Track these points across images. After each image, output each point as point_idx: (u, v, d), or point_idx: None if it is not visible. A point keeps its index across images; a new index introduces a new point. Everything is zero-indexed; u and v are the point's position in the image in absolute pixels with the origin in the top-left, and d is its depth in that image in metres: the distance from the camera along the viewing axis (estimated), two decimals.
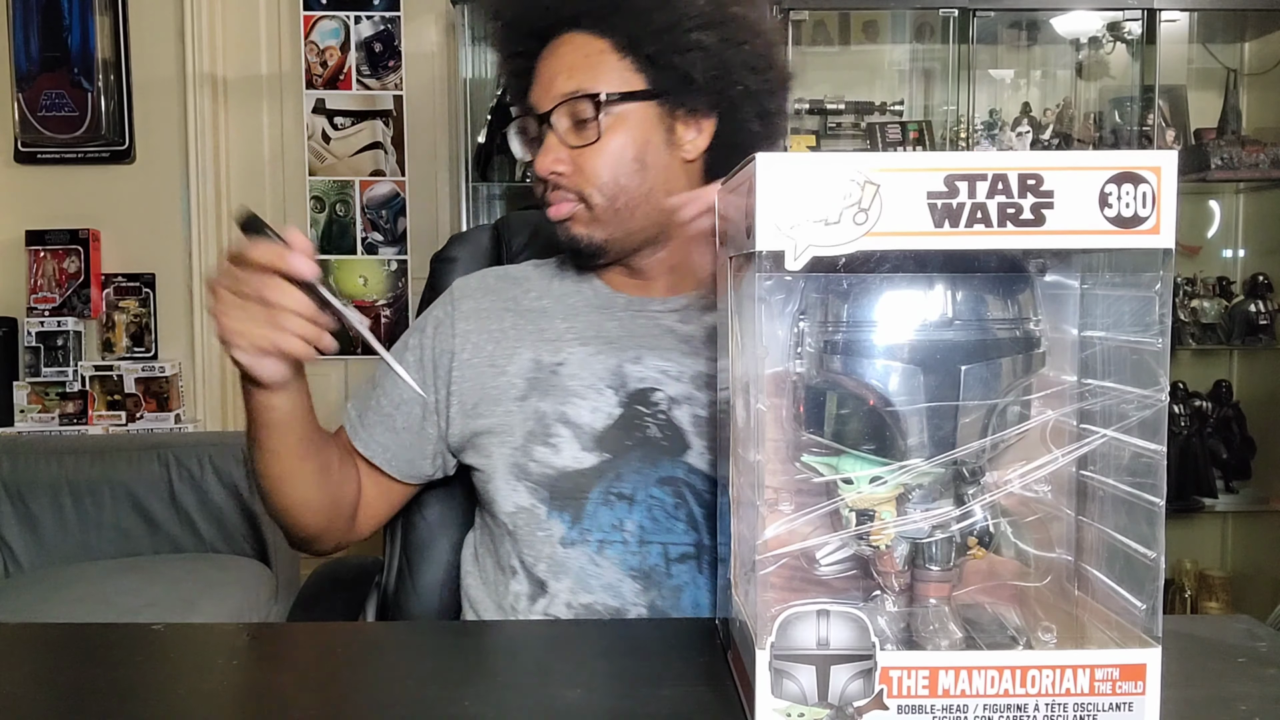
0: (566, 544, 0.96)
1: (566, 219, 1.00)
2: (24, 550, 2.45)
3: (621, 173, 0.99)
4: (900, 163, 0.54)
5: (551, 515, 0.97)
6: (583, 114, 0.98)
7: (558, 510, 0.97)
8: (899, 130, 2.73)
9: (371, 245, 2.92)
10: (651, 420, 0.98)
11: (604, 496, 0.96)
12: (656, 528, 0.95)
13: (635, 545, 0.95)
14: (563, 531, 0.96)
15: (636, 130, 0.99)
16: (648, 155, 0.99)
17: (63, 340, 2.78)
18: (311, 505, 0.98)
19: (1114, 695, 0.55)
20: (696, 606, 0.94)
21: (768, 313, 0.60)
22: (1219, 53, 2.84)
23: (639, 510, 0.95)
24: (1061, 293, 0.63)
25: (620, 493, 0.96)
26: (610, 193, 0.99)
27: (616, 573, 0.95)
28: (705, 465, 0.96)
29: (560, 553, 0.96)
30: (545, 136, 0.99)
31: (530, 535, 0.98)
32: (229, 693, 0.67)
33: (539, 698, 0.63)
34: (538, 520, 0.97)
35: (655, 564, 0.95)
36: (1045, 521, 0.64)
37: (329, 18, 2.87)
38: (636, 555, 0.95)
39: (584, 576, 0.95)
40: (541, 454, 0.98)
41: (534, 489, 0.98)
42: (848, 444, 0.60)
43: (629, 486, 0.96)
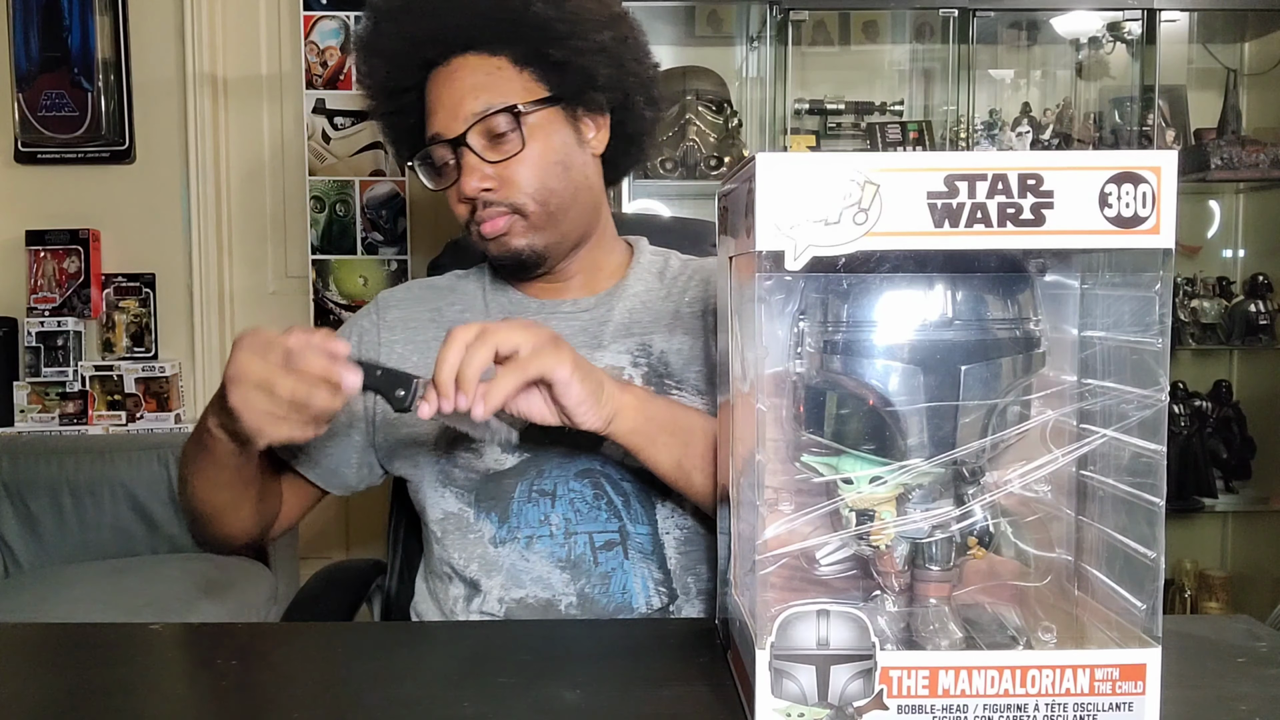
0: (497, 543, 1.00)
1: (503, 233, 1.01)
2: (24, 550, 2.45)
3: (549, 176, 1.01)
4: (900, 163, 0.54)
5: (480, 517, 1.01)
6: (500, 128, 0.99)
7: (485, 512, 1.01)
8: (899, 130, 2.73)
9: (371, 245, 2.92)
10: None
11: (528, 494, 1.00)
12: (580, 519, 0.99)
13: (562, 537, 0.99)
14: (492, 531, 1.00)
15: (553, 134, 1.01)
16: (568, 156, 1.02)
17: (63, 340, 2.78)
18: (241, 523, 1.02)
19: (1114, 695, 0.55)
20: (625, 591, 0.99)
21: (767, 313, 0.60)
22: (1219, 53, 2.83)
23: (562, 504, 0.99)
24: (1061, 293, 0.63)
25: (543, 489, 1.00)
26: (542, 198, 1.01)
27: (545, 565, 0.99)
28: (619, 454, 0.99)
29: (491, 552, 1.00)
30: (462, 159, 1.00)
31: (461, 539, 1.02)
32: (229, 693, 0.67)
33: (539, 698, 0.63)
34: (467, 523, 1.01)
35: (582, 553, 0.99)
36: (1045, 521, 0.64)
37: (329, 18, 2.87)
38: (564, 547, 0.99)
39: (515, 572, 0.99)
40: (464, 459, 1.02)
41: (460, 493, 1.02)
42: (848, 444, 0.60)
43: (550, 482, 1.00)
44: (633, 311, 1.08)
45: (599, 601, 0.98)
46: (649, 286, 1.11)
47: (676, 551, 1.01)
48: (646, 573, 1.00)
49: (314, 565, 2.67)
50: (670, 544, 1.01)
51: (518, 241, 1.02)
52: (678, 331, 1.06)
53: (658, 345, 1.05)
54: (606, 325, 1.06)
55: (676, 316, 1.07)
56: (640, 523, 1.00)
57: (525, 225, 1.01)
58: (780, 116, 2.63)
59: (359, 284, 2.94)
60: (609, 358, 1.03)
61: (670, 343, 1.05)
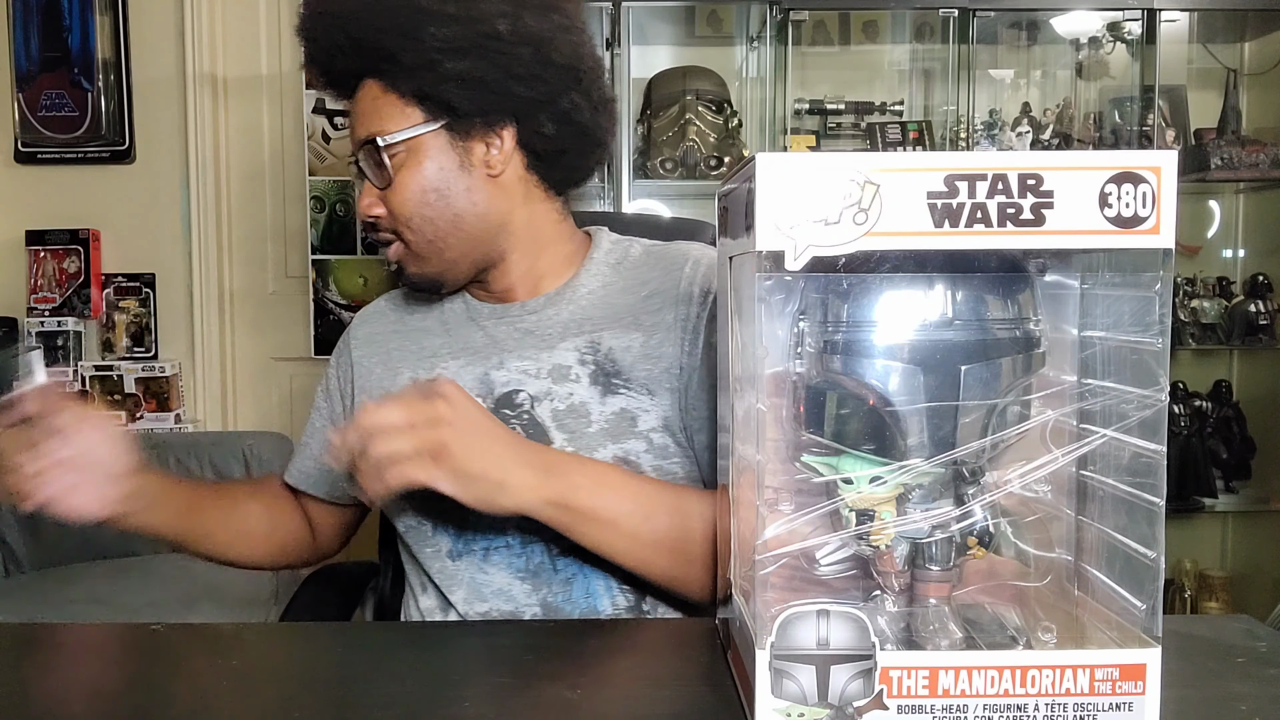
0: (454, 556, 0.99)
1: (397, 260, 1.03)
2: (24, 550, 2.45)
3: (423, 205, 0.99)
4: (900, 163, 0.54)
5: (436, 531, 1.00)
6: (375, 159, 0.99)
7: (441, 525, 1.00)
8: (899, 130, 2.73)
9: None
10: (516, 421, 0.99)
11: None
12: (536, 526, 0.92)
13: (519, 547, 0.97)
14: (449, 545, 1.00)
15: (427, 162, 0.98)
16: (445, 183, 0.99)
17: (63, 340, 2.78)
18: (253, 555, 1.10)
19: (1114, 695, 0.55)
20: (589, 595, 0.97)
21: (767, 313, 0.60)
22: (1219, 53, 2.84)
23: None
24: (1061, 293, 0.63)
25: None
26: (418, 227, 0.99)
27: (505, 577, 0.98)
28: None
29: (450, 566, 1.00)
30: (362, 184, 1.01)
31: (420, 551, 1.02)
32: (229, 693, 0.67)
33: (539, 698, 0.63)
34: (425, 536, 1.01)
35: (541, 561, 0.97)
36: (1045, 521, 0.64)
37: None
38: (521, 556, 0.97)
39: (475, 586, 0.98)
40: None
41: (418, 507, 1.01)
42: (848, 444, 0.60)
43: None
44: (585, 308, 1.05)
45: (564, 609, 0.96)
46: (605, 281, 1.07)
47: None
48: (608, 573, 0.97)
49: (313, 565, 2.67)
50: None
51: (411, 269, 1.03)
52: (631, 328, 1.02)
53: (606, 342, 1.02)
54: (554, 325, 1.04)
55: (632, 312, 1.03)
56: None
57: (409, 254, 1.02)
58: (780, 116, 2.63)
59: (359, 284, 2.94)
60: (557, 357, 1.01)
61: (621, 339, 1.01)
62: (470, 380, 1.02)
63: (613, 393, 0.99)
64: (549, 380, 1.00)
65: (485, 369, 1.03)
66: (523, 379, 1.01)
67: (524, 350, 1.03)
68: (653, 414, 0.98)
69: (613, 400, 0.99)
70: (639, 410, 0.98)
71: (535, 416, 0.99)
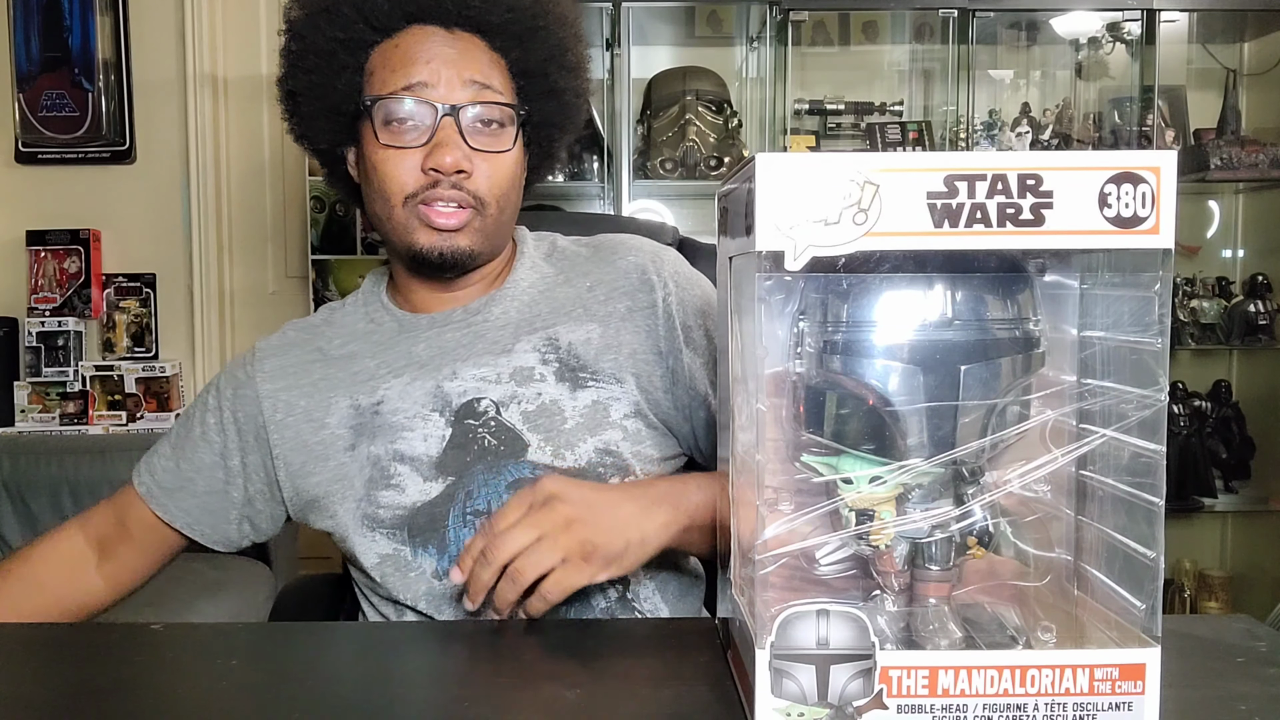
0: (440, 576, 0.95)
1: (455, 228, 0.95)
2: None
3: (513, 186, 0.98)
4: (900, 163, 0.54)
5: (417, 553, 0.95)
6: (495, 118, 0.95)
7: (421, 547, 0.95)
8: (899, 130, 2.73)
9: (371, 245, 2.92)
10: (484, 429, 0.96)
11: (462, 518, 0.95)
12: None
13: None
14: (433, 565, 0.95)
15: (520, 146, 0.99)
16: (522, 172, 1.01)
17: (63, 340, 2.78)
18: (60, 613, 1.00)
19: (1113, 695, 0.55)
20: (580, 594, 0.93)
21: (767, 313, 0.60)
22: (1218, 53, 2.84)
23: None
24: (1061, 293, 0.63)
25: (475, 509, 0.94)
26: (503, 205, 0.97)
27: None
28: (547, 458, 0.95)
29: (437, 586, 0.95)
30: (441, 130, 0.93)
31: (402, 579, 0.96)
32: (229, 693, 0.67)
33: (539, 698, 0.63)
34: (405, 562, 0.96)
35: None
36: (1045, 521, 0.64)
37: None
38: None
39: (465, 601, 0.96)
40: (387, 497, 0.96)
41: (391, 533, 0.96)
42: (848, 444, 0.60)
43: (482, 501, 0.94)
44: (529, 304, 1.02)
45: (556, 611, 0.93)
46: (542, 274, 1.05)
47: None
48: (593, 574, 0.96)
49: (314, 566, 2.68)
50: None
51: (463, 241, 0.95)
52: (585, 320, 1.00)
53: (564, 337, 1.00)
54: (503, 326, 1.00)
55: (580, 303, 1.02)
56: None
57: (478, 226, 0.96)
58: (780, 117, 2.63)
59: (359, 284, 2.94)
60: (517, 359, 0.98)
61: (577, 333, 1.00)
62: (421, 395, 0.98)
63: (582, 386, 0.98)
64: (512, 383, 0.98)
65: (436, 381, 0.98)
66: (481, 386, 0.98)
67: (477, 356, 0.99)
68: (623, 401, 0.98)
69: (583, 394, 0.98)
70: (610, 400, 0.98)
71: (504, 422, 0.96)
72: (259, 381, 1.04)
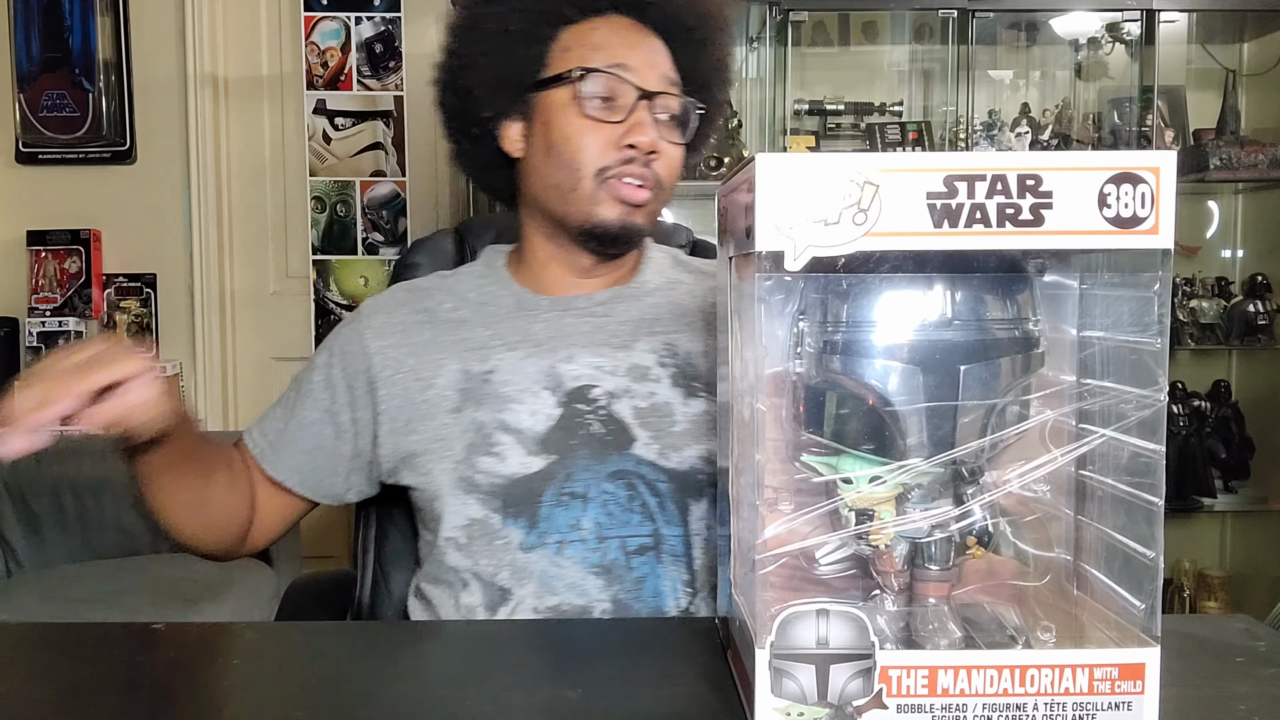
0: (526, 549, 0.95)
1: (639, 204, 1.00)
2: (25, 550, 2.45)
3: (678, 176, 1.04)
4: (900, 163, 0.54)
5: (507, 523, 0.96)
6: (680, 111, 1.01)
7: (512, 517, 0.96)
8: (898, 131, 2.73)
9: (372, 245, 2.92)
10: (593, 417, 0.98)
11: (557, 498, 0.96)
12: (613, 522, 0.96)
13: (594, 542, 0.95)
14: (520, 537, 0.96)
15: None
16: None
17: (64, 340, 2.78)
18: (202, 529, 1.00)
19: (1113, 695, 0.55)
20: (657, 595, 0.96)
21: (767, 313, 0.60)
22: (1218, 53, 2.84)
23: (594, 507, 0.96)
24: (1061, 293, 0.63)
25: (573, 492, 0.96)
26: (669, 194, 1.03)
27: (579, 571, 0.95)
28: (653, 455, 0.97)
29: (521, 558, 0.95)
30: (638, 110, 0.98)
31: (487, 545, 0.96)
32: (229, 693, 0.67)
33: (539, 698, 0.63)
34: (492, 530, 0.96)
35: (615, 558, 0.95)
36: (1044, 521, 0.64)
37: (330, 18, 2.87)
38: (596, 552, 0.95)
39: (547, 579, 0.95)
40: (487, 464, 0.97)
41: (485, 499, 0.97)
42: (847, 444, 0.60)
43: (581, 485, 0.96)
44: (653, 307, 1.06)
45: (633, 607, 0.95)
46: (668, 280, 1.09)
47: (702, 551, 0.98)
48: (676, 575, 0.96)
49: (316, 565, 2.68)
50: (698, 545, 0.97)
51: (640, 218, 1.01)
52: (704, 333, 1.03)
53: (683, 346, 1.03)
54: (625, 323, 1.04)
55: (703, 317, 1.04)
56: (674, 524, 0.97)
57: (653, 208, 1.01)
58: (780, 117, 2.63)
59: (359, 284, 2.94)
60: (635, 357, 1.01)
61: (696, 344, 1.03)
62: (534, 372, 1.00)
63: (694, 395, 1.00)
64: (627, 379, 1.00)
65: (551, 361, 1.00)
66: (597, 374, 1.00)
67: (596, 346, 1.02)
68: None
69: (694, 403, 1.00)
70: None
71: (614, 413, 0.98)
72: (367, 338, 1.05)
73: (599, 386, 0.99)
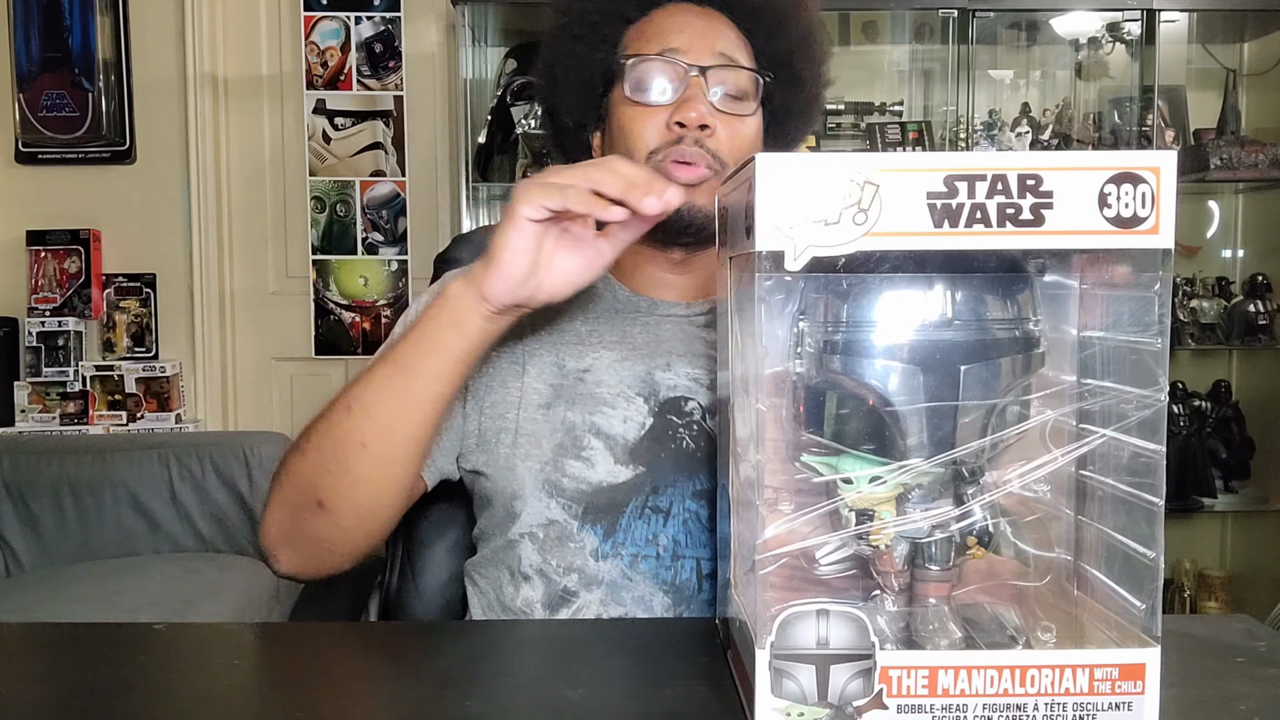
0: (599, 557, 0.92)
1: (695, 183, 0.94)
2: (25, 550, 2.45)
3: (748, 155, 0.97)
4: (900, 163, 0.54)
5: (584, 529, 0.93)
6: (741, 84, 0.98)
7: (590, 524, 0.93)
8: (898, 130, 2.73)
9: (372, 245, 2.92)
10: (685, 431, 0.95)
11: (640, 510, 0.93)
12: (691, 541, 0.92)
13: (669, 560, 0.92)
14: (595, 544, 0.92)
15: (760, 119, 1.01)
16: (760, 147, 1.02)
17: (63, 340, 2.78)
18: (392, 494, 0.88)
19: (1113, 695, 0.55)
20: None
21: (767, 313, 0.60)
22: (1218, 53, 2.84)
23: (674, 524, 0.92)
24: (1061, 293, 0.63)
25: (656, 506, 0.92)
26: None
27: (649, 586, 0.92)
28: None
29: (592, 565, 0.92)
30: (690, 89, 0.95)
31: (560, 546, 0.93)
32: (229, 693, 0.67)
33: (540, 698, 0.63)
34: (568, 533, 0.93)
35: (687, 579, 0.92)
36: (1044, 521, 0.64)
37: (329, 18, 2.87)
38: (670, 570, 0.92)
39: (616, 589, 0.92)
40: (574, 468, 0.93)
41: (567, 504, 0.93)
42: (848, 444, 0.60)
43: (665, 500, 0.93)
44: None
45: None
46: None
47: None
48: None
49: None
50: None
51: (701, 199, 0.94)
52: None
53: None
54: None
55: None
56: None
57: (707, 188, 0.94)
58: None
59: (359, 284, 2.94)
60: None
61: None
62: (630, 378, 0.96)
63: None
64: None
65: (648, 368, 0.96)
66: (693, 387, 0.96)
67: (694, 357, 0.98)
68: None
69: None
70: None
71: (706, 428, 0.94)
72: None
73: (694, 400, 0.95)
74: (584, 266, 0.81)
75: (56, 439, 2.65)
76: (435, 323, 0.82)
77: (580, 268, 0.81)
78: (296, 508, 0.87)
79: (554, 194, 0.75)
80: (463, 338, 0.82)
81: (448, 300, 0.82)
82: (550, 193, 0.75)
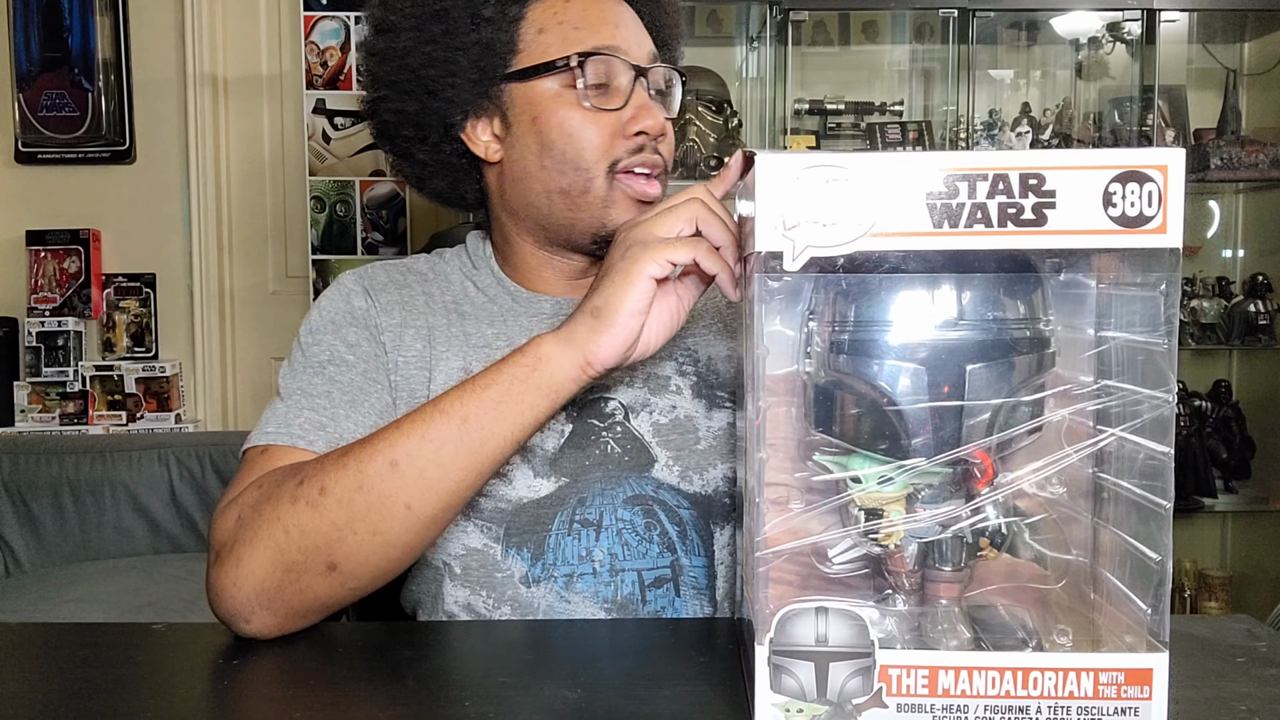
0: (529, 583, 0.86)
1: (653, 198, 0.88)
2: (24, 550, 2.45)
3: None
4: (900, 162, 0.54)
5: (509, 554, 0.86)
6: (670, 84, 0.92)
7: (515, 548, 0.86)
8: (899, 130, 2.73)
9: (372, 245, 2.92)
10: (608, 434, 0.88)
11: (567, 526, 0.86)
12: (628, 553, 0.86)
13: (607, 575, 0.86)
14: (523, 570, 0.86)
15: None
16: None
17: (63, 340, 2.78)
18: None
19: (1119, 700, 0.55)
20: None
21: (772, 313, 0.60)
22: (1218, 53, 2.84)
23: (607, 536, 0.86)
24: (1074, 292, 0.63)
25: (585, 519, 0.86)
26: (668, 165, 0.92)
27: (588, 607, 0.86)
28: (674, 478, 0.88)
29: (524, 593, 0.86)
30: (638, 91, 0.87)
31: (486, 578, 0.86)
32: (229, 693, 0.67)
33: (539, 698, 0.63)
34: (492, 561, 0.86)
35: (630, 593, 0.86)
36: (1059, 523, 0.63)
37: (329, 18, 2.87)
38: (609, 586, 0.86)
39: (554, 615, 0.86)
40: (490, 485, 0.86)
41: (486, 526, 0.86)
42: (857, 443, 0.60)
43: (594, 511, 0.86)
44: None
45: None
46: None
47: (725, 580, 0.88)
48: (697, 608, 0.88)
49: None
50: (722, 574, 0.88)
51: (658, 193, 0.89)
52: (722, 334, 0.93)
53: (703, 350, 0.92)
54: None
55: (719, 317, 0.95)
56: (696, 554, 0.87)
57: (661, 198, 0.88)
58: (780, 116, 2.63)
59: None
60: (653, 365, 0.90)
61: (716, 348, 0.93)
62: None
63: (718, 407, 0.90)
64: (644, 390, 0.90)
65: None
66: (610, 385, 0.89)
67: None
68: None
69: (718, 416, 0.90)
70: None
71: (631, 429, 0.89)
72: (379, 313, 0.91)
73: (613, 399, 0.89)
74: (670, 317, 0.74)
75: (56, 439, 2.64)
76: (523, 385, 0.73)
77: (669, 320, 0.75)
78: (295, 569, 0.74)
79: (682, 249, 0.69)
80: (552, 403, 0.74)
81: (540, 362, 0.73)
82: (677, 248, 0.69)
